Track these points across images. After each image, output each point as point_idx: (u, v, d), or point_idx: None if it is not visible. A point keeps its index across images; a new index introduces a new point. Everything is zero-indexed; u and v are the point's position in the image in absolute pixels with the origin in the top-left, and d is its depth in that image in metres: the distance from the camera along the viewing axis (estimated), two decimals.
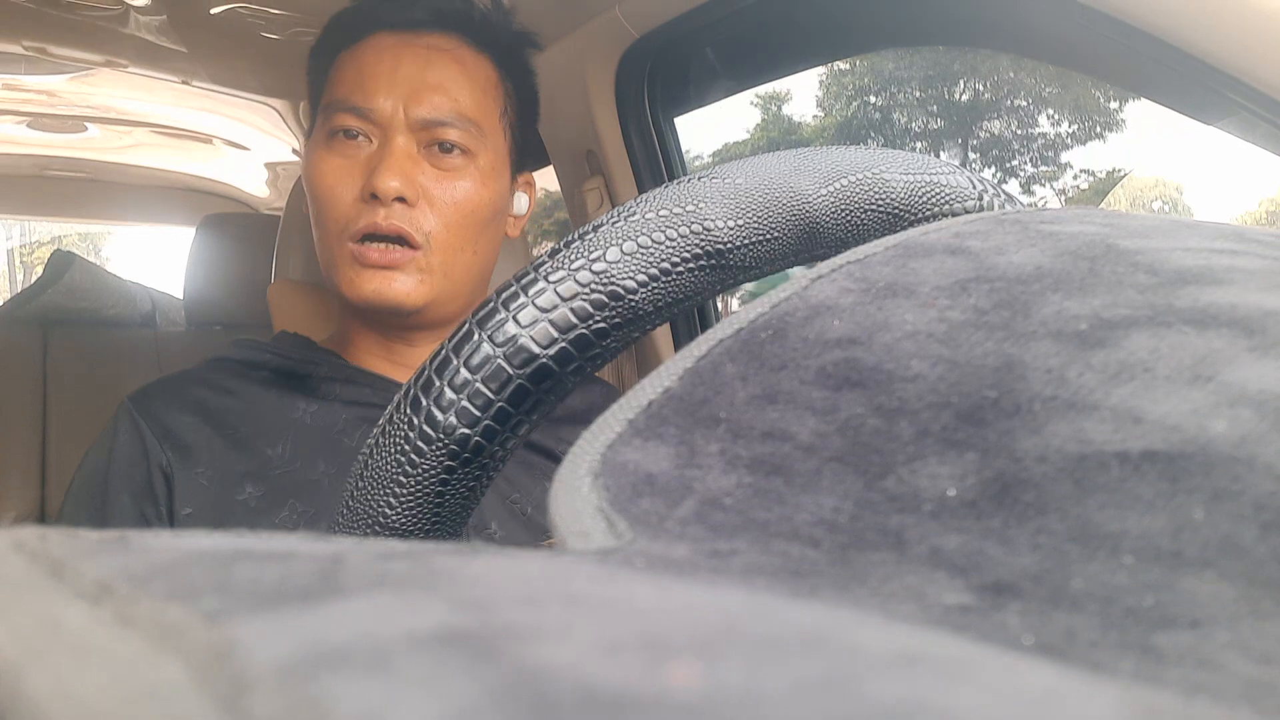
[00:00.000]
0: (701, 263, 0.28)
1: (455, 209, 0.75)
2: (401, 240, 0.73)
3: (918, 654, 0.09)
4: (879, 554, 0.13)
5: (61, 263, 1.24)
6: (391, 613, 0.09)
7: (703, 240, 0.28)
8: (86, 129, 1.85)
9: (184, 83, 1.45)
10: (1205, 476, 0.13)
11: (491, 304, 0.28)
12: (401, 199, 0.72)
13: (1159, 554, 0.12)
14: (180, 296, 1.30)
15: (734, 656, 0.08)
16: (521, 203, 0.85)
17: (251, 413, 0.74)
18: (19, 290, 1.31)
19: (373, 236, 0.73)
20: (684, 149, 1.21)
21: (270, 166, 2.05)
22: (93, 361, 1.17)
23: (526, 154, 0.85)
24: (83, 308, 1.24)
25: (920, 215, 0.31)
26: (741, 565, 0.13)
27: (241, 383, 0.77)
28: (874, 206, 0.30)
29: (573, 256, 0.28)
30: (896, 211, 0.31)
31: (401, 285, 0.73)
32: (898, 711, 0.08)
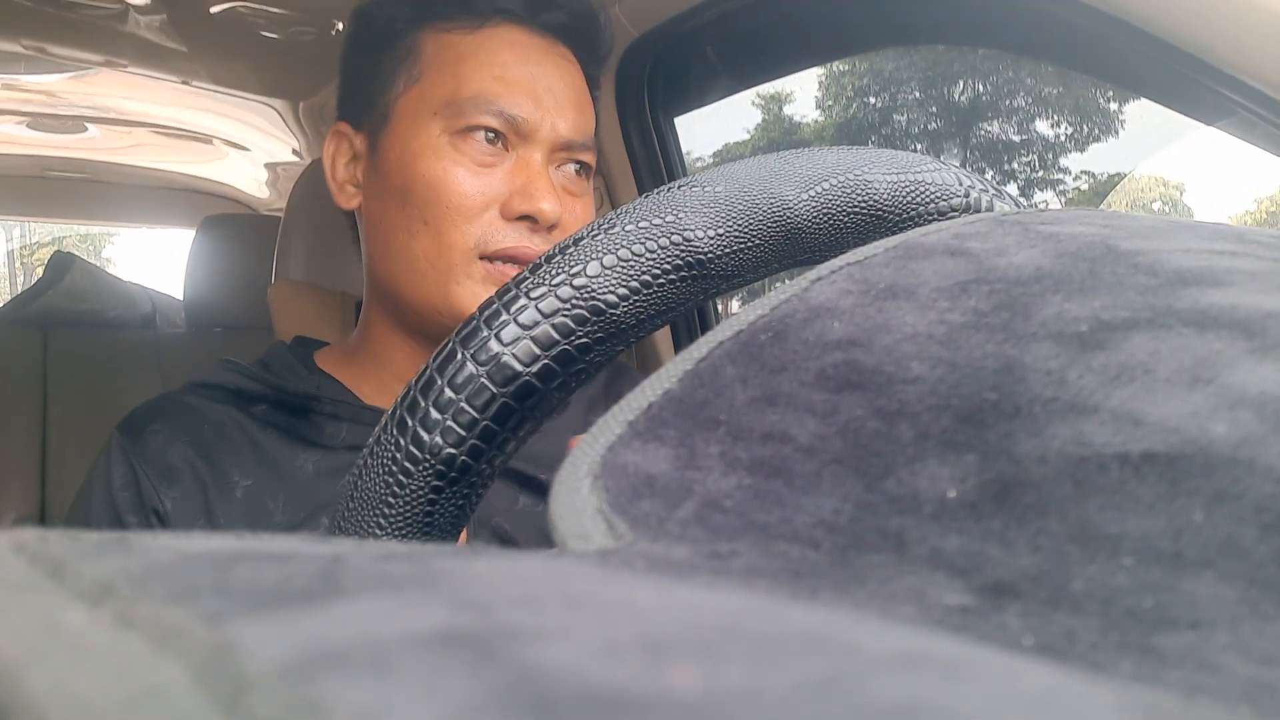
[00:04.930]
0: (683, 274, 0.28)
1: None
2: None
3: (918, 655, 0.09)
4: (879, 555, 0.13)
5: (62, 264, 1.24)
6: (391, 613, 0.09)
7: (683, 251, 0.28)
8: (86, 129, 1.84)
9: (184, 83, 1.45)
10: (1205, 478, 0.13)
11: (474, 322, 0.28)
12: (552, 225, 0.66)
13: (1159, 555, 0.12)
14: (180, 298, 1.30)
15: (734, 657, 0.08)
16: None
17: (250, 457, 0.68)
18: (19, 292, 1.32)
19: (510, 259, 0.66)
20: (684, 149, 1.21)
21: (270, 167, 2.05)
22: (93, 363, 1.17)
23: None
24: (83, 309, 1.24)
25: (905, 216, 0.30)
26: (741, 567, 0.13)
27: (238, 416, 0.70)
28: (857, 209, 0.30)
29: (553, 271, 0.27)
30: (880, 213, 0.30)
31: None
32: (898, 712, 0.08)
